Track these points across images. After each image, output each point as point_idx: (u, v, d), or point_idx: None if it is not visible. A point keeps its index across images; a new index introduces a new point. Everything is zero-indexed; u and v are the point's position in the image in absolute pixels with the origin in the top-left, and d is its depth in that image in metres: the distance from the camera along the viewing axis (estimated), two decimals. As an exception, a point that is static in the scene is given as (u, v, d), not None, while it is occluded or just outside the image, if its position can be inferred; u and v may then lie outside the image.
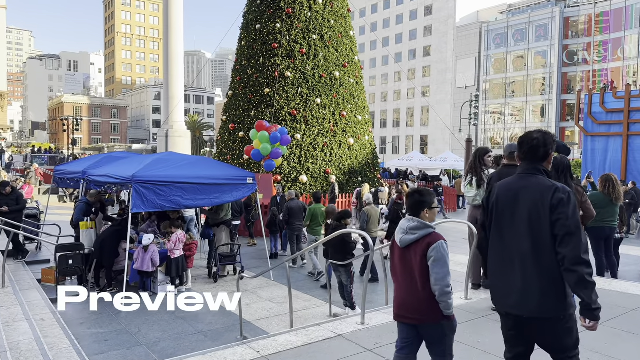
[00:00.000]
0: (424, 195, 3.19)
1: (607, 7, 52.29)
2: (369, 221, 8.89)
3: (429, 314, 2.99)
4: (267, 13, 19.19)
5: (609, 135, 21.75)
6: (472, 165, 5.90)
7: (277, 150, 11.51)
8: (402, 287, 3.13)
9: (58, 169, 10.00)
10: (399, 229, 3.17)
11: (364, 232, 4.52)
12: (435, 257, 2.94)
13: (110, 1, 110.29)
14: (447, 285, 2.93)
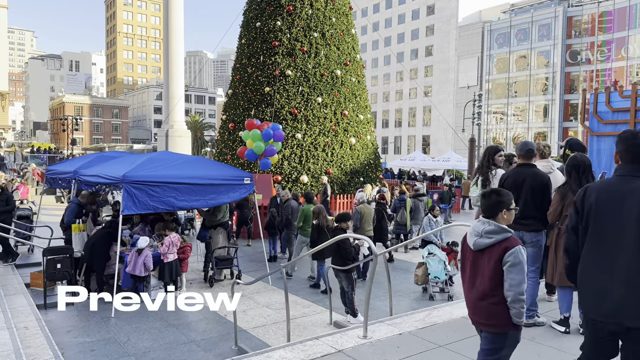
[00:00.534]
0: (502, 196, 3.04)
1: (611, 7, 51.84)
2: (362, 219, 8.80)
3: (497, 319, 2.91)
4: (268, 10, 18.89)
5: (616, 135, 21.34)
6: (481, 164, 5.57)
7: (272, 148, 11.14)
8: (472, 290, 3.05)
9: (50, 168, 9.69)
10: (473, 230, 3.04)
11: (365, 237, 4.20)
12: (512, 262, 2.84)
13: (112, 1, 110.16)
14: (521, 293, 2.85)
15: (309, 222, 8.63)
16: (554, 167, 5.33)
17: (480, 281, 2.96)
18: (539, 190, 4.63)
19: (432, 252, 7.32)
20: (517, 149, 4.88)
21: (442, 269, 7.17)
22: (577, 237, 2.84)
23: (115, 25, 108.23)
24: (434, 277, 7.25)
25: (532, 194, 4.63)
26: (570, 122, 55.96)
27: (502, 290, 2.85)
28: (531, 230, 4.62)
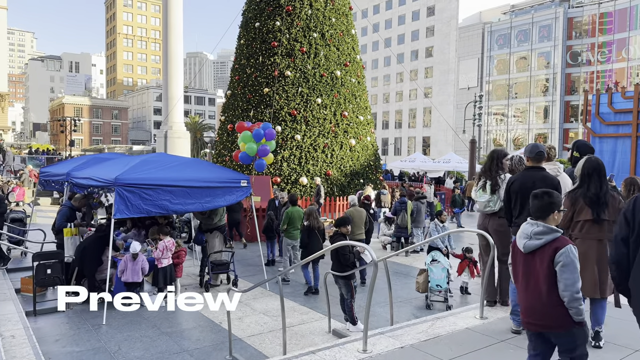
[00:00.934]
0: (553, 197, 3.06)
1: (611, 8, 51.68)
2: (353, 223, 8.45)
3: (558, 320, 2.92)
4: (267, 11, 18.72)
5: (618, 136, 21.17)
6: (488, 168, 5.30)
7: (264, 147, 10.88)
8: (527, 293, 3.05)
9: (44, 170, 9.47)
10: (522, 233, 3.07)
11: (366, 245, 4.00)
12: (564, 262, 2.85)
13: (112, 2, 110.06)
14: (577, 291, 2.85)
15: (294, 224, 8.50)
16: (560, 170, 5.11)
17: (534, 284, 2.97)
18: None
19: (435, 258, 7.08)
20: (527, 152, 4.65)
21: (444, 277, 6.94)
22: (628, 249, 2.75)
23: (115, 26, 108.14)
24: (436, 286, 7.01)
25: None
26: (571, 123, 55.77)
27: (558, 290, 2.87)
28: None
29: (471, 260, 7.64)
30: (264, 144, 10.88)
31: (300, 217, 8.63)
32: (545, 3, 59.37)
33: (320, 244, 7.79)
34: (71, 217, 8.04)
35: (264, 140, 10.90)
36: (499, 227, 4.96)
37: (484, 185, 5.25)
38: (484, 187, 5.24)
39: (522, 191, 4.49)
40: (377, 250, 11.90)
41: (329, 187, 17.31)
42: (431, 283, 7.03)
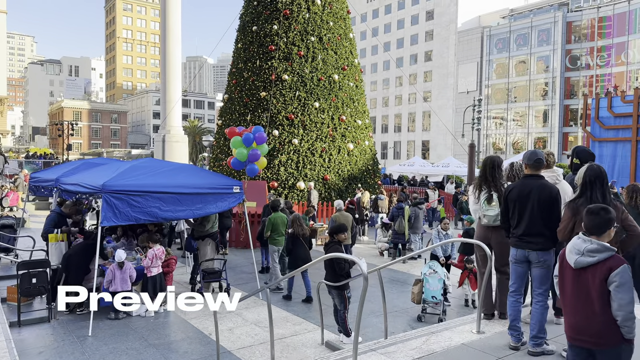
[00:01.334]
0: (610, 213, 2.96)
1: (610, 12, 51.66)
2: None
3: (609, 337, 2.86)
4: (264, 14, 18.61)
5: (618, 141, 21.02)
6: (490, 177, 5.00)
7: (255, 152, 10.66)
8: (575, 309, 2.98)
9: (34, 176, 9.29)
10: (572, 248, 2.98)
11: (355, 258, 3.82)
12: (619, 282, 2.77)
13: (112, 6, 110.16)
14: (631, 311, 2.78)
15: (277, 231, 8.37)
16: (560, 178, 4.90)
17: (585, 301, 2.91)
18: (548, 204, 4.21)
19: (433, 268, 6.82)
20: (525, 158, 4.45)
21: (440, 288, 6.68)
22: None
23: (115, 30, 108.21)
24: (431, 297, 6.71)
25: (539, 208, 4.21)
26: (570, 127, 55.65)
27: (610, 309, 2.81)
28: (538, 249, 4.21)
29: (471, 271, 7.35)
30: (254, 148, 10.67)
31: (283, 222, 8.53)
32: (544, 7, 59.37)
33: (306, 251, 7.72)
34: (60, 223, 7.86)
35: (254, 145, 10.69)
36: (503, 239, 4.72)
37: (489, 197, 4.95)
38: (490, 199, 4.94)
39: (520, 200, 4.30)
40: (373, 256, 11.71)
41: (326, 192, 17.14)
42: (426, 294, 6.75)
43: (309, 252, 7.78)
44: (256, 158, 10.62)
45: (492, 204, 4.91)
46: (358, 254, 11.40)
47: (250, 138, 10.52)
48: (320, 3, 18.60)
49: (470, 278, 7.39)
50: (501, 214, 4.57)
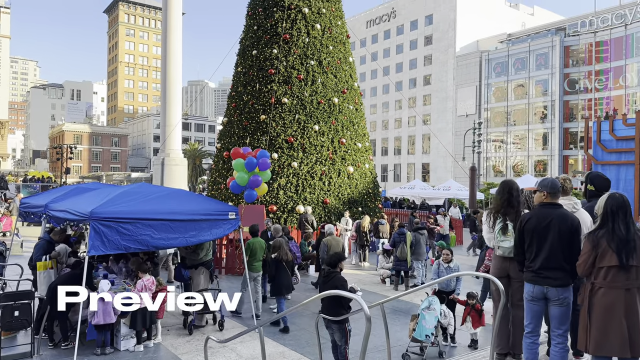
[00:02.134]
0: None
1: (607, 36, 52.24)
2: (329, 252, 8.51)
3: None
4: (264, 39, 18.63)
5: (620, 164, 20.79)
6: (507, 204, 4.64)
7: (256, 178, 10.36)
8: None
9: (24, 201, 9.00)
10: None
11: (358, 297, 3.50)
12: None
13: (115, 32, 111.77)
14: None
15: (255, 256, 8.14)
16: (577, 206, 4.54)
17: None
18: (568, 236, 3.89)
19: (432, 304, 6.28)
20: (544, 186, 4.14)
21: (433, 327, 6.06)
22: None
23: (117, 55, 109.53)
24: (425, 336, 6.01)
25: (560, 240, 3.88)
26: (570, 150, 55.66)
27: None
28: (558, 285, 3.87)
29: (474, 308, 6.71)
30: (256, 174, 10.38)
31: (261, 248, 8.33)
32: (542, 32, 60.08)
33: (289, 277, 7.51)
34: (49, 251, 7.54)
35: (257, 170, 10.41)
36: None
37: (505, 227, 4.59)
38: (505, 229, 4.58)
39: (538, 231, 3.97)
40: (375, 284, 11.33)
41: (326, 216, 16.82)
42: (418, 332, 6.08)
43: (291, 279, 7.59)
44: (257, 184, 10.33)
45: (508, 235, 4.55)
46: (359, 281, 11.03)
47: (254, 163, 10.25)
48: (320, 28, 18.65)
49: (472, 315, 6.72)
50: (515, 245, 4.23)
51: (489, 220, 4.80)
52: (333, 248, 8.40)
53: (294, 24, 18.36)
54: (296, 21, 18.37)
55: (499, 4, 70.78)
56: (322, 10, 18.85)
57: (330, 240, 8.50)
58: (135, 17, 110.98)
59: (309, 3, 18.62)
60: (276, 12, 18.54)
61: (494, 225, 4.70)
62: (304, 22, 18.43)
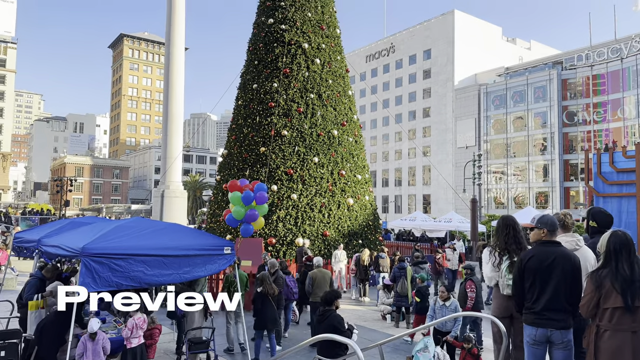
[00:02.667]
0: None
1: (604, 70, 53.00)
2: (314, 285, 8.45)
3: None
4: (265, 73, 18.88)
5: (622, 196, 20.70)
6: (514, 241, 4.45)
7: (253, 212, 10.22)
8: None
9: (18, 236, 8.86)
10: None
11: (352, 342, 3.33)
12: None
13: (119, 66, 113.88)
14: None
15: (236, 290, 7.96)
16: (580, 243, 4.35)
17: None
18: (572, 276, 3.73)
19: (428, 346, 6.00)
20: (542, 223, 3.99)
21: None
22: None
23: (121, 88, 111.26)
24: None
25: (564, 280, 3.72)
26: (571, 181, 55.59)
27: None
28: (562, 327, 3.67)
29: (470, 352, 6.35)
30: (252, 208, 10.25)
31: (242, 281, 8.20)
32: (539, 66, 61.03)
33: (274, 312, 7.40)
34: (41, 289, 7.36)
35: (254, 204, 10.29)
36: None
37: (512, 265, 4.36)
38: (512, 266, 4.35)
39: (541, 270, 3.80)
40: (375, 320, 11.03)
41: (325, 249, 16.60)
42: None
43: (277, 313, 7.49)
44: (254, 219, 10.20)
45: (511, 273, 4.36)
46: (359, 317, 10.74)
47: (251, 197, 10.14)
48: (320, 62, 18.93)
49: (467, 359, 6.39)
50: (514, 284, 4.04)
51: (492, 258, 4.59)
52: (319, 281, 8.22)
53: (294, 59, 18.64)
54: (296, 56, 18.66)
55: (497, 39, 72.24)
56: (322, 46, 19.18)
57: (316, 273, 8.33)
58: (139, 51, 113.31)
59: (309, 39, 18.96)
60: (276, 48, 18.86)
61: (500, 263, 4.50)
62: (304, 57, 18.72)
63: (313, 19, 19.31)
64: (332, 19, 20.29)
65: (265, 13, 19.72)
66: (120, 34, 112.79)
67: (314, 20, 19.33)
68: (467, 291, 7.93)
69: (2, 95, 77.99)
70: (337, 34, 20.39)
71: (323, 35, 19.43)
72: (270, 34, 19.20)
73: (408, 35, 75.06)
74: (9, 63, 77.95)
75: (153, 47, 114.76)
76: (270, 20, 19.30)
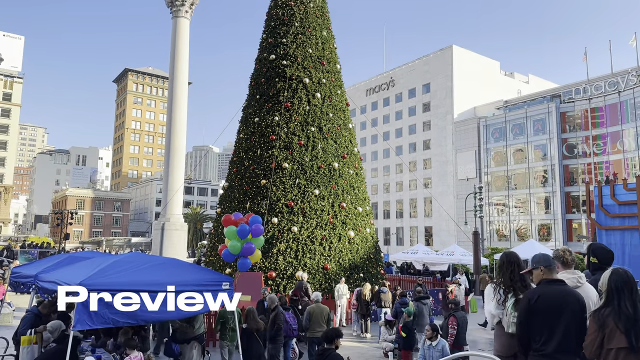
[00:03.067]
0: None
1: (602, 103, 53.56)
2: (311, 320, 8.39)
3: None
4: (266, 107, 19.14)
5: (625, 229, 20.52)
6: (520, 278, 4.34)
7: (250, 245, 10.14)
8: None
9: (15, 271, 8.78)
10: None
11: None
12: None
13: (123, 100, 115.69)
14: None
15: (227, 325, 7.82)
16: (582, 280, 4.24)
17: None
18: (580, 316, 3.64)
19: None
20: (535, 262, 3.92)
21: None
22: None
23: (124, 121, 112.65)
24: None
25: (574, 320, 3.62)
26: (573, 213, 55.32)
27: None
28: None
29: None
30: (249, 241, 10.18)
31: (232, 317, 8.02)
32: (537, 99, 61.76)
33: (260, 348, 7.28)
34: (36, 324, 7.24)
35: (249, 237, 10.22)
36: None
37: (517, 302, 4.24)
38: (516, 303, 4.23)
39: (550, 311, 3.69)
40: (377, 358, 10.77)
41: (326, 283, 16.39)
42: None
43: (264, 349, 7.38)
44: (250, 252, 10.11)
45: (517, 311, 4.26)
46: (361, 355, 10.50)
47: (246, 230, 10.08)
48: (320, 96, 19.21)
49: None
50: (520, 325, 3.89)
51: (497, 296, 4.48)
52: (316, 316, 8.06)
53: (295, 93, 18.93)
54: (297, 90, 18.96)
55: (495, 73, 73.46)
56: (323, 81, 19.51)
57: (314, 308, 8.18)
58: (143, 85, 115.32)
59: (310, 74, 19.31)
60: (278, 83, 19.19)
61: (505, 301, 4.39)
62: (305, 91, 19.01)
63: (314, 55, 19.72)
64: (332, 55, 20.72)
65: (268, 49, 20.17)
66: (124, 69, 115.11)
67: (315, 57, 19.73)
68: (449, 327, 7.87)
69: (7, 128, 78.95)
70: (338, 69, 20.78)
71: (324, 70, 19.80)
72: (272, 69, 19.57)
73: (407, 69, 76.44)
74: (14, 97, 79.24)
75: (157, 81, 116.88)
76: (272, 57, 19.71)
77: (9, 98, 78.41)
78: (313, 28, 20.15)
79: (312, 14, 20.43)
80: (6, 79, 77.92)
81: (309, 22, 20.17)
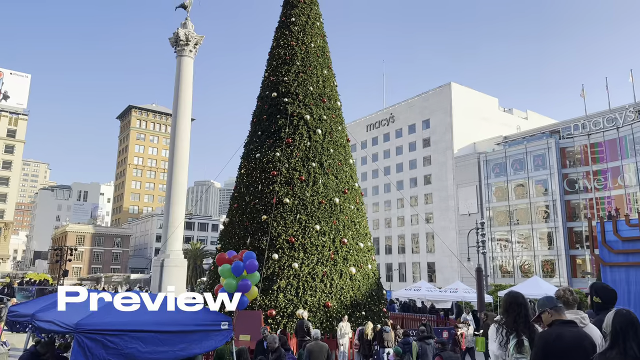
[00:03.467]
0: None
1: (601, 138, 54.01)
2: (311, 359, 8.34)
3: None
4: (268, 143, 19.32)
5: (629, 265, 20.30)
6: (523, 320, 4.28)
7: (245, 282, 10.01)
8: None
9: (12, 309, 8.65)
10: None
11: None
12: None
13: (126, 136, 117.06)
14: None
15: None
16: (585, 320, 4.18)
17: None
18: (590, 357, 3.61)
19: None
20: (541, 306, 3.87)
21: None
22: None
23: (127, 157, 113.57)
24: None
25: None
26: (577, 249, 54.81)
27: None
28: None
29: None
30: (244, 278, 10.07)
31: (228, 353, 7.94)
32: (537, 135, 62.33)
33: None
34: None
35: (245, 274, 10.12)
36: None
37: (520, 343, 4.20)
38: (520, 345, 4.19)
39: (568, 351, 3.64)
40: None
41: (327, 321, 16.07)
42: None
43: None
44: (246, 289, 9.97)
45: (524, 352, 4.17)
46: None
47: (240, 266, 9.98)
48: (321, 133, 19.42)
49: None
50: None
51: (499, 337, 4.41)
52: (315, 355, 7.93)
53: (296, 129, 19.15)
54: (298, 127, 19.19)
55: (494, 109, 74.48)
56: (323, 117, 19.77)
57: (314, 346, 8.05)
58: (146, 122, 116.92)
59: (311, 111, 19.59)
60: (280, 119, 19.45)
61: (507, 343, 4.32)
62: (306, 128, 19.23)
63: (315, 93, 20.06)
64: (333, 92, 21.09)
65: (270, 87, 20.54)
66: (128, 106, 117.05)
67: (316, 94, 20.07)
68: None
69: (10, 164, 79.53)
70: (338, 106, 21.10)
71: (324, 107, 20.10)
72: (273, 107, 19.87)
73: (407, 106, 77.60)
74: (18, 134, 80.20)
75: (160, 117, 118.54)
76: (273, 94, 20.05)
77: (13, 134, 79.35)
78: (314, 67, 20.58)
79: (313, 53, 20.91)
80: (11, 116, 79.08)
81: (310, 61, 20.62)
